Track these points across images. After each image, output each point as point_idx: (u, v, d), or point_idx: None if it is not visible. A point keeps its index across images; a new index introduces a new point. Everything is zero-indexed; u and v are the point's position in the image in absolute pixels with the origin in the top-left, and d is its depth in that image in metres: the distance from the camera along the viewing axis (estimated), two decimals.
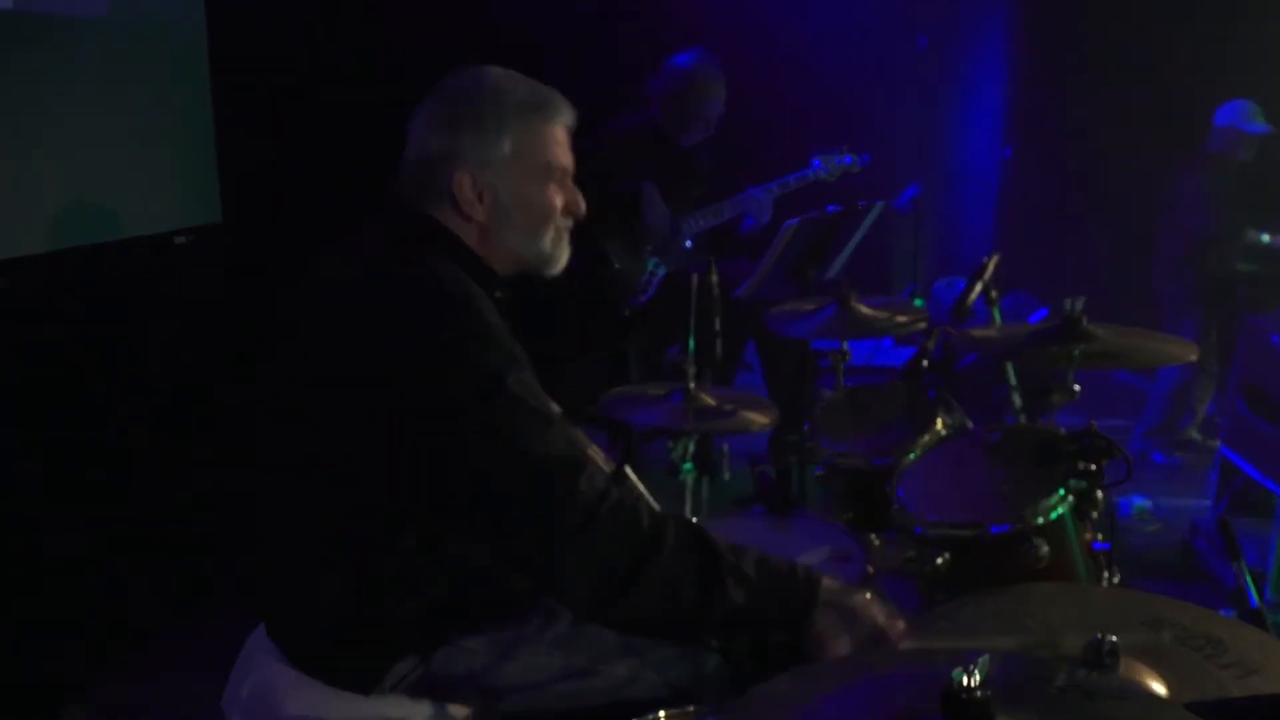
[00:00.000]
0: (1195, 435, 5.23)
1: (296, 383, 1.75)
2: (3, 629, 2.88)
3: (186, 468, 3.39)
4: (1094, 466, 1.91)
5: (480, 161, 1.75)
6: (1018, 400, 2.51)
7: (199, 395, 3.43)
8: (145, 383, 3.38)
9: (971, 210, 6.61)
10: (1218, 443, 4.45)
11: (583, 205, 1.85)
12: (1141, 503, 4.54)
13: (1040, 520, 1.90)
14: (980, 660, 1.04)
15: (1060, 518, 1.93)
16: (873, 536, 2.24)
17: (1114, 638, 1.48)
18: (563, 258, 1.86)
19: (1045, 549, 1.89)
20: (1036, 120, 6.38)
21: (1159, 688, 1.48)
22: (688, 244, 4.03)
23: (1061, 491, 1.92)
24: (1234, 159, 4.93)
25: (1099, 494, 1.94)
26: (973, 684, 1.03)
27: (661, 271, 4.01)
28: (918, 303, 5.64)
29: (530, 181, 1.78)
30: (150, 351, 3.42)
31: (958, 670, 1.02)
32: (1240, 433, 4.20)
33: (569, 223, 1.85)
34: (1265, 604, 3.85)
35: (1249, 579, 1.97)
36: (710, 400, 2.45)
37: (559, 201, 1.81)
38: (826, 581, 1.63)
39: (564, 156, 1.82)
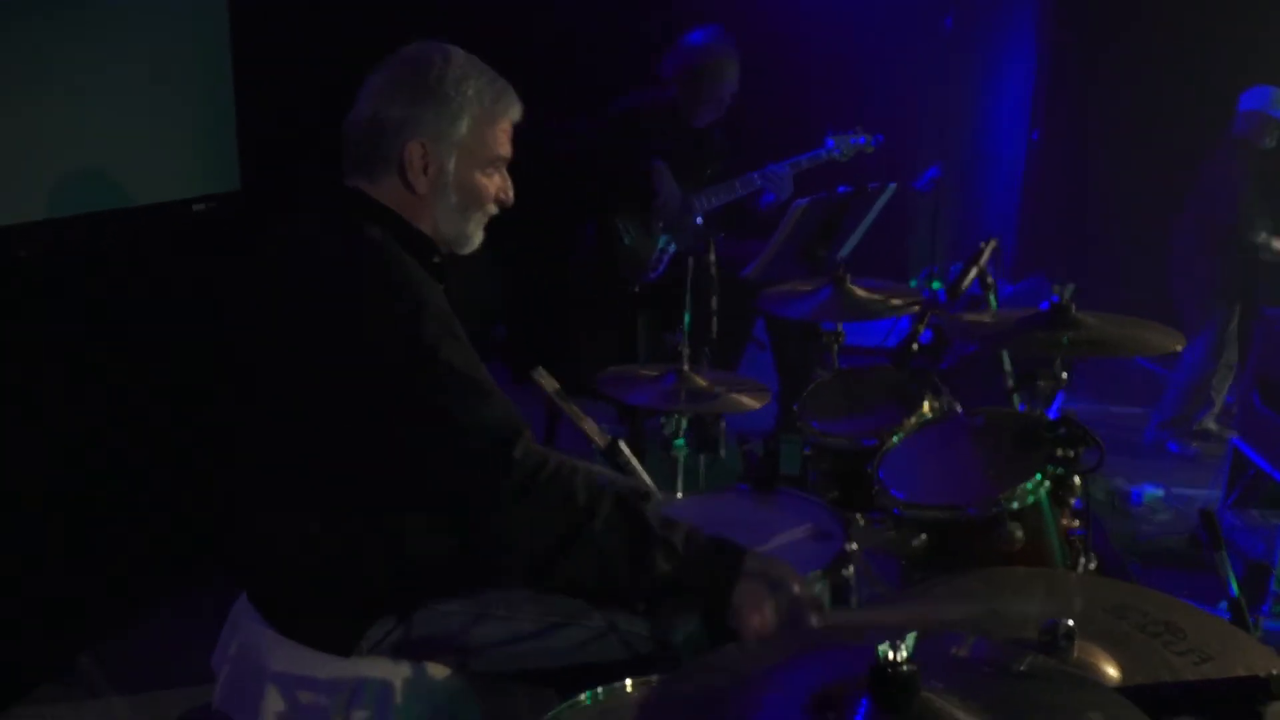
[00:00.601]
0: (1212, 426, 5.20)
1: (256, 359, 1.82)
2: (21, 588, 2.97)
3: (199, 434, 3.45)
4: (1072, 453, 1.92)
5: (436, 135, 1.80)
6: (1012, 386, 2.51)
7: (213, 362, 3.48)
8: (160, 349, 3.44)
9: (996, 194, 6.57)
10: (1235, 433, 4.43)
11: (511, 195, 1.91)
12: (1154, 492, 4.54)
13: (1016, 504, 1.92)
14: (908, 636, 1.07)
15: (1037, 503, 1.95)
16: (858, 516, 2.26)
17: (1070, 621, 1.51)
18: (477, 240, 1.92)
19: (1020, 533, 1.91)
20: (1064, 105, 6.32)
21: (1112, 671, 1.51)
22: (699, 220, 4.04)
23: (1039, 476, 1.94)
24: (1259, 145, 4.87)
25: (1076, 480, 1.96)
26: (899, 658, 1.06)
27: (672, 249, 4.03)
28: (935, 285, 5.63)
29: (475, 166, 1.84)
30: (166, 318, 3.47)
31: (884, 645, 1.05)
32: (1253, 425, 4.18)
33: (494, 210, 1.91)
34: (1271, 596, 3.86)
35: (1229, 569, 1.98)
36: (702, 382, 2.48)
37: (492, 189, 1.87)
38: (751, 557, 1.68)
39: (506, 148, 1.88)
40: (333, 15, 4.32)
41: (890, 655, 1.06)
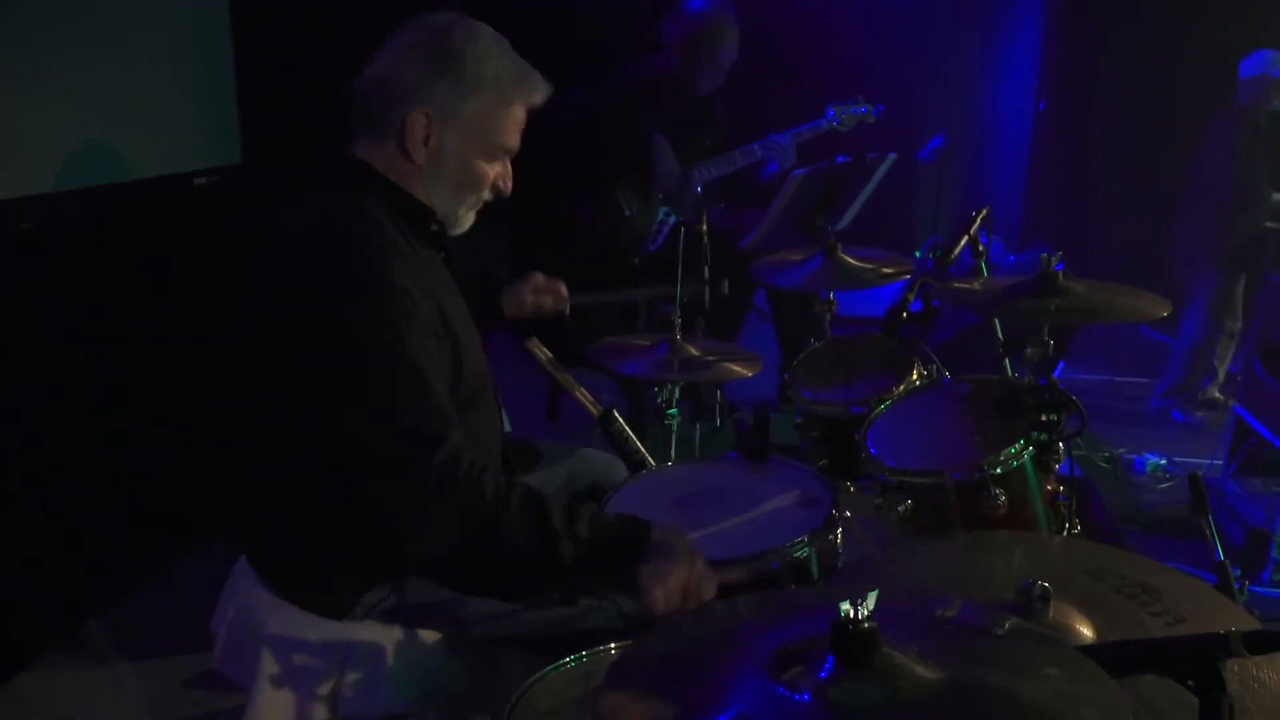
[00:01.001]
0: (1217, 395, 5.19)
1: (242, 333, 1.84)
2: (29, 555, 3.02)
3: (202, 402, 3.49)
4: (1054, 418, 1.94)
5: (442, 110, 1.78)
6: (1001, 353, 2.53)
7: (214, 333, 3.51)
8: (162, 319, 3.47)
9: (1001, 163, 6.53)
10: None
11: (509, 186, 1.89)
12: (1157, 461, 4.55)
13: (999, 470, 1.94)
14: (870, 593, 1.09)
15: (1020, 468, 1.96)
16: (848, 483, 2.28)
17: (1045, 583, 1.53)
18: (466, 224, 1.91)
19: (1003, 498, 1.92)
20: (1071, 74, 6.27)
21: (1086, 631, 1.53)
22: (698, 191, 4.04)
23: (1022, 442, 1.96)
24: (1265, 108, 4.84)
25: (1061, 446, 1.97)
26: (860, 615, 1.08)
27: (672, 220, 4.04)
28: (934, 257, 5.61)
29: (477, 150, 1.82)
30: (168, 291, 3.50)
31: (845, 602, 1.08)
32: (1255, 392, 4.18)
33: (490, 196, 1.90)
34: (1272, 563, 3.87)
35: (1214, 532, 2.00)
36: (694, 351, 2.49)
37: (491, 176, 1.86)
38: (655, 536, 1.67)
39: (514, 139, 1.86)
40: None
41: (851, 613, 1.09)
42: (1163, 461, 4.53)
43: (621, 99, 4.00)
